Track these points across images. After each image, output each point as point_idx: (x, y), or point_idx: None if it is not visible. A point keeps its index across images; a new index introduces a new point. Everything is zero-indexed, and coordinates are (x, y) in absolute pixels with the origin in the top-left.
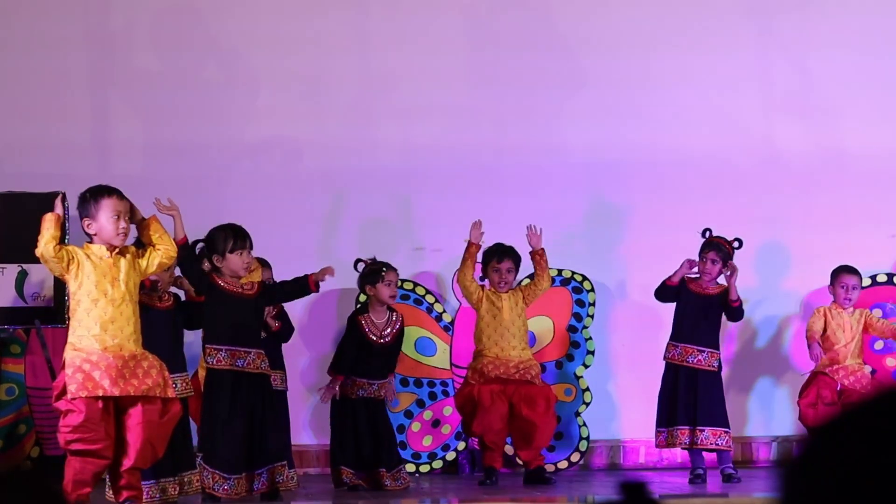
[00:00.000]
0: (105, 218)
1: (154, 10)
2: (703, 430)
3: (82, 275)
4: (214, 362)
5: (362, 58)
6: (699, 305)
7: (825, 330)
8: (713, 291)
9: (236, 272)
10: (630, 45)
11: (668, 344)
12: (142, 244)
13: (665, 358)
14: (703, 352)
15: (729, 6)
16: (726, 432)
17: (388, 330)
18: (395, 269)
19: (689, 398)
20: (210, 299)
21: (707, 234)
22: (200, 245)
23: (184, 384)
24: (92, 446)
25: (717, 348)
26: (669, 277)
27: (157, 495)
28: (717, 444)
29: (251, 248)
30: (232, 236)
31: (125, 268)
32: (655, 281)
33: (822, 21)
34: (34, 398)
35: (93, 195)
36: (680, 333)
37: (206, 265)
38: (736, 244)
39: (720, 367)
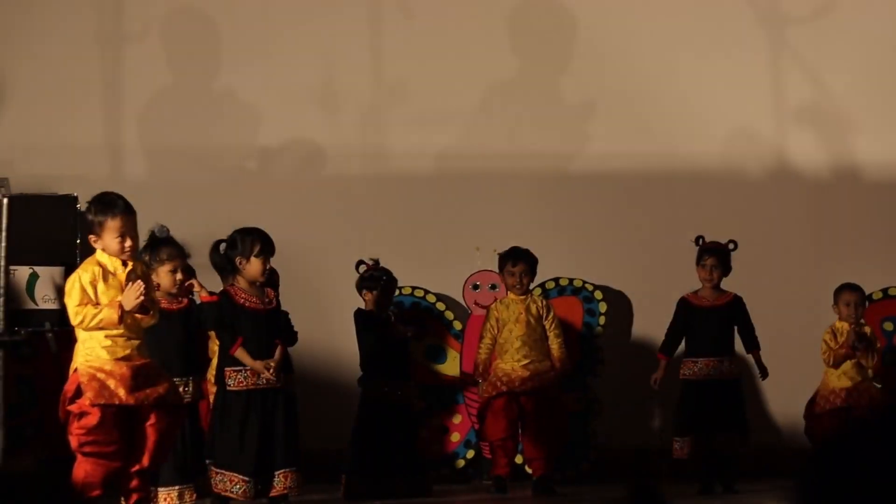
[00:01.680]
0: (110, 238)
1: (166, 15)
2: (720, 436)
3: (96, 293)
4: (234, 384)
5: (376, 64)
6: (709, 318)
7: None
8: (720, 302)
9: (255, 277)
10: (643, 56)
11: (686, 361)
12: (147, 258)
13: (683, 375)
14: (723, 361)
15: (742, 16)
16: (743, 438)
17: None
18: (393, 279)
19: (708, 406)
20: (231, 318)
21: (700, 240)
22: (223, 245)
23: (196, 387)
24: (104, 449)
25: (734, 353)
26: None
27: (176, 500)
28: (732, 451)
29: (272, 255)
30: (260, 241)
31: None
32: (666, 290)
33: (835, 31)
34: (44, 401)
35: (98, 212)
36: (697, 348)
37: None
38: (731, 246)
39: (741, 372)
